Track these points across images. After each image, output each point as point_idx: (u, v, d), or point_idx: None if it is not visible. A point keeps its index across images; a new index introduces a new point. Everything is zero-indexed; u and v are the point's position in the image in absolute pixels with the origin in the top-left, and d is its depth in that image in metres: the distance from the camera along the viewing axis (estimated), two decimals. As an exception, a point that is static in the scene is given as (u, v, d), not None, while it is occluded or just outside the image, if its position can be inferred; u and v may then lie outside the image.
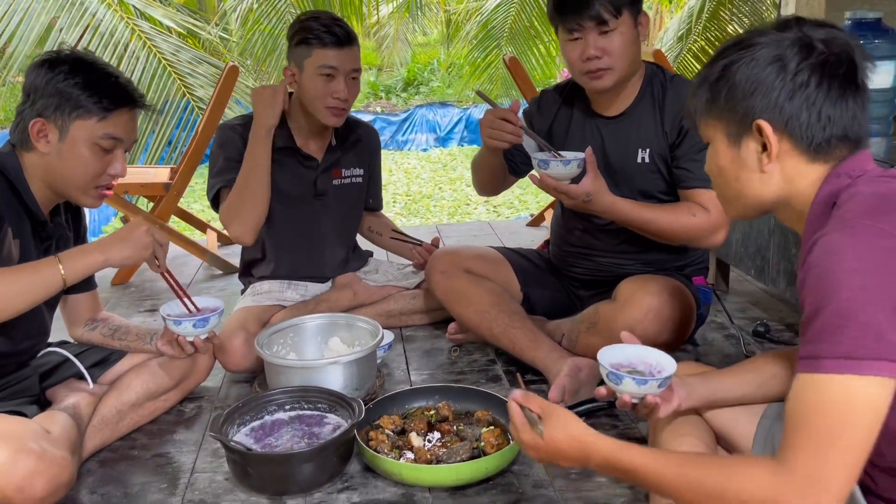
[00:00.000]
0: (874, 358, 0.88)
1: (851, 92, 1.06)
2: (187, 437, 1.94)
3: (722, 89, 1.10)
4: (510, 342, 2.15)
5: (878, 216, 0.95)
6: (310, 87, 2.22)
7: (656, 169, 2.04)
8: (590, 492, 1.65)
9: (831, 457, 0.91)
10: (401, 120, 9.87)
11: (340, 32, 2.19)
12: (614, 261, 2.16)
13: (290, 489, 1.67)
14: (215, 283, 3.24)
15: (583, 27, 1.91)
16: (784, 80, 1.05)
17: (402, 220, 6.28)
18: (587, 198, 1.88)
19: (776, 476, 0.93)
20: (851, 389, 0.90)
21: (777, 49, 1.06)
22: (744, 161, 1.11)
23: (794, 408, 0.95)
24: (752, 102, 1.07)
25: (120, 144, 1.71)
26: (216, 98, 3.26)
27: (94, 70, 1.67)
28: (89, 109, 1.64)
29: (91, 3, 4.60)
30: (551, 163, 1.88)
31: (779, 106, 1.05)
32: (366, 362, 2.01)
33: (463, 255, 2.32)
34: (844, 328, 0.90)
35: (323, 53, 2.18)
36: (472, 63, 6.94)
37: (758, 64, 1.06)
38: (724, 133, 1.12)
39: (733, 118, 1.10)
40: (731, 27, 6.82)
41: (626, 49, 1.94)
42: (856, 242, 0.92)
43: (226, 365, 2.17)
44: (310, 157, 2.37)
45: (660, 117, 2.02)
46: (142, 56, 4.63)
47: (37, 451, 1.49)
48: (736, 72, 1.08)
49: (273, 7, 5.33)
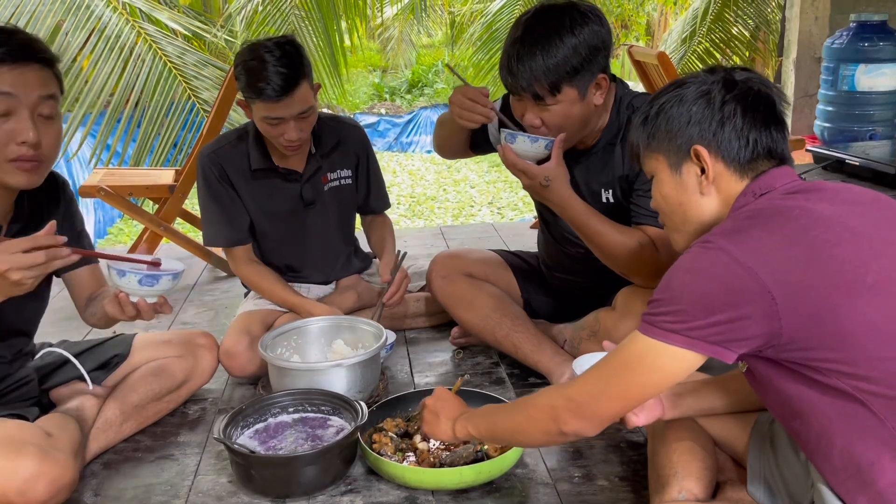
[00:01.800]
0: (672, 331, 1.08)
1: (774, 122, 1.21)
2: (191, 439, 1.95)
3: (661, 124, 1.24)
4: (513, 346, 2.15)
5: (731, 236, 1.09)
6: (261, 128, 2.16)
7: (620, 207, 1.96)
8: (592, 495, 1.65)
9: (607, 390, 1.18)
10: (405, 122, 9.89)
11: (281, 85, 2.02)
12: (596, 286, 2.12)
13: (293, 492, 1.67)
14: (219, 284, 3.24)
15: (520, 96, 1.81)
16: (713, 111, 1.19)
17: (406, 221, 6.28)
18: (545, 182, 1.79)
19: (560, 396, 1.23)
20: (648, 348, 1.12)
21: (703, 86, 1.22)
22: (685, 185, 1.24)
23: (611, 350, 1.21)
24: (690, 132, 1.21)
25: (17, 105, 1.50)
26: (221, 100, 3.27)
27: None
28: None
29: (97, 6, 4.61)
30: (518, 137, 1.80)
31: (711, 132, 1.20)
32: (369, 365, 2.01)
33: (464, 259, 2.32)
34: (663, 305, 1.10)
35: (266, 106, 2.07)
36: (476, 65, 6.94)
37: (687, 99, 1.22)
38: (665, 163, 1.25)
39: (672, 148, 1.23)
40: (735, 28, 6.81)
41: (567, 121, 1.81)
42: (700, 257, 1.09)
43: (231, 370, 2.17)
44: (290, 171, 2.32)
45: (622, 155, 1.92)
46: (147, 59, 4.64)
47: (38, 454, 1.49)
48: (670, 108, 1.23)
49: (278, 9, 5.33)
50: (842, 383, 1.05)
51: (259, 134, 2.25)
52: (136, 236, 3.90)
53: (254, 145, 2.27)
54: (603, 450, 1.82)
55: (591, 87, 1.81)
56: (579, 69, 1.75)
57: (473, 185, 7.29)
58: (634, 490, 1.66)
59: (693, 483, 1.35)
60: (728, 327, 1.05)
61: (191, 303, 3.01)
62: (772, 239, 1.07)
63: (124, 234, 6.07)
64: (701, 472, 1.36)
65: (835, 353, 1.04)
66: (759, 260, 1.05)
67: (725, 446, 1.46)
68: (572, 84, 1.76)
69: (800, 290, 1.03)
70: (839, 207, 1.12)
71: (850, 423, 1.06)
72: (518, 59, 1.76)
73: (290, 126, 2.11)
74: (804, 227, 1.08)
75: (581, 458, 1.78)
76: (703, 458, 1.39)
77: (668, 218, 1.30)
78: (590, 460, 1.78)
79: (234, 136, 2.32)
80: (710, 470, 1.38)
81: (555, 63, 1.73)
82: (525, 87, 1.77)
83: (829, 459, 1.09)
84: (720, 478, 1.43)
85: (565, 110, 1.80)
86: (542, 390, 1.32)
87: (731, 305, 1.05)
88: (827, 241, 1.06)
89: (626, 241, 1.85)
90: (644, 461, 1.73)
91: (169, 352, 2.01)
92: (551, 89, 1.76)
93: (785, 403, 1.13)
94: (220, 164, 2.27)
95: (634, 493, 1.65)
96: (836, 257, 1.05)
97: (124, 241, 5.50)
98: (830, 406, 1.07)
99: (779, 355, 1.08)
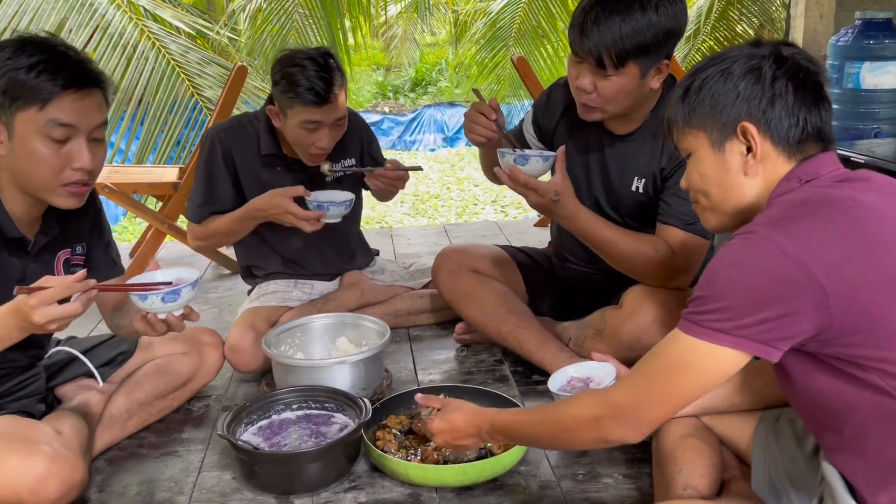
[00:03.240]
0: (719, 331, 1.03)
1: (822, 101, 1.14)
2: (195, 435, 1.95)
3: (704, 99, 1.17)
4: (518, 343, 2.15)
5: (777, 225, 1.04)
6: (292, 134, 2.18)
7: (648, 200, 1.97)
8: (597, 493, 1.65)
9: (651, 395, 1.12)
10: (409, 120, 9.89)
11: (324, 89, 2.07)
12: (611, 278, 2.10)
13: (297, 488, 1.67)
14: (223, 282, 3.25)
15: (583, 58, 1.79)
16: (763, 87, 1.13)
17: (409, 219, 6.28)
18: (555, 196, 1.80)
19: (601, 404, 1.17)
20: (692, 349, 1.06)
21: (751, 60, 1.15)
22: (728, 164, 1.16)
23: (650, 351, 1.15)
24: (737, 109, 1.14)
25: (76, 132, 1.50)
26: (224, 98, 3.27)
27: (37, 52, 1.47)
28: (27, 98, 1.45)
29: (100, 4, 4.62)
30: (531, 157, 1.81)
31: (761, 110, 1.13)
32: (373, 362, 2.01)
33: (470, 254, 2.31)
34: (707, 303, 1.05)
35: (306, 111, 2.09)
36: (479, 63, 6.94)
37: (735, 74, 1.14)
38: (706, 140, 1.18)
39: (716, 125, 1.16)
40: (739, 27, 6.80)
41: (620, 96, 1.81)
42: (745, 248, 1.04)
43: (236, 366, 2.18)
44: (296, 162, 2.33)
45: (661, 148, 1.92)
46: (151, 57, 4.65)
47: (49, 453, 1.49)
48: (715, 83, 1.16)
49: (281, 7, 5.34)
50: (882, 382, 1.01)
51: (270, 122, 2.27)
52: (139, 234, 3.90)
53: (264, 131, 2.29)
54: (606, 447, 1.81)
55: (653, 69, 1.80)
56: (650, 49, 1.74)
57: (477, 184, 7.28)
58: (638, 488, 1.65)
59: (698, 480, 1.35)
60: (777, 324, 1.01)
61: (195, 300, 2.97)
62: (823, 229, 1.02)
63: (128, 231, 6.08)
64: (706, 470, 1.36)
65: (880, 351, 1.00)
66: (810, 251, 0.99)
67: (730, 444, 1.45)
68: (638, 62, 1.75)
69: (852, 284, 0.99)
70: (888, 199, 1.07)
71: (888, 422, 1.03)
72: (595, 21, 1.73)
73: (325, 132, 2.15)
74: (855, 219, 1.03)
75: (585, 456, 1.78)
76: (709, 456, 1.38)
77: (703, 196, 1.22)
78: (594, 458, 1.77)
79: (243, 120, 2.35)
80: (715, 468, 1.38)
81: (630, 35, 1.71)
82: (592, 50, 1.74)
83: (863, 456, 1.06)
84: (725, 475, 1.42)
85: (621, 85, 1.78)
86: (576, 398, 1.28)
87: (780, 300, 1.00)
88: (880, 235, 1.02)
89: (640, 247, 1.86)
90: (648, 459, 1.73)
91: (174, 349, 2.01)
92: (617, 61, 1.74)
93: (816, 399, 1.09)
94: (227, 145, 2.28)
95: (638, 491, 1.64)
96: (890, 252, 1.01)
97: (128, 238, 5.51)
98: (868, 404, 1.03)
99: (822, 350, 1.03)
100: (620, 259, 1.89)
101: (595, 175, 2.05)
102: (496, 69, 6.79)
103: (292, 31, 5.32)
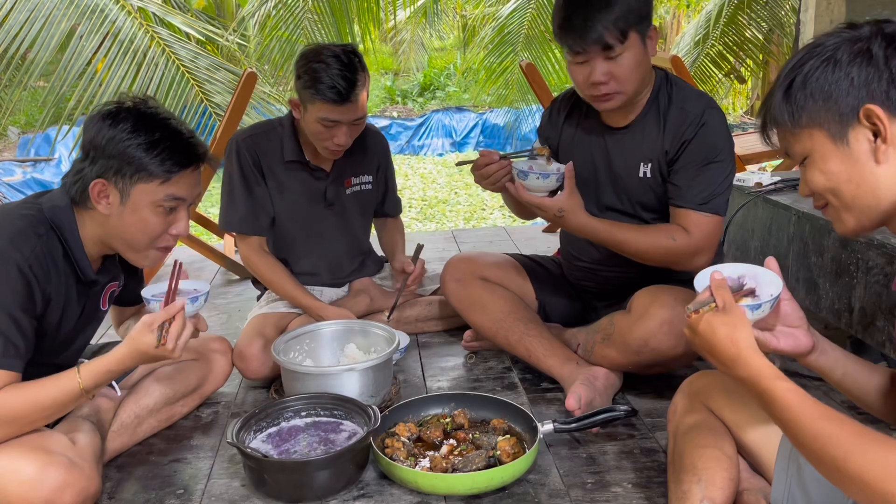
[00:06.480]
0: None
1: None
2: (204, 442, 1.95)
3: (814, 93, 1.09)
4: (526, 350, 2.14)
5: None
6: (311, 129, 2.20)
7: (657, 183, 2.00)
8: (606, 502, 1.64)
9: None
10: (417, 125, 9.91)
11: (345, 89, 2.09)
12: (621, 274, 2.13)
13: (306, 496, 1.67)
14: (232, 287, 3.25)
15: (587, 52, 1.83)
16: (878, 69, 1.05)
17: (417, 224, 6.28)
18: (559, 213, 1.87)
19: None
20: None
21: (857, 44, 1.06)
22: (855, 155, 1.08)
23: None
24: (854, 96, 1.06)
25: (183, 204, 1.64)
26: (234, 104, 3.28)
27: (156, 129, 1.58)
28: (151, 172, 1.57)
29: (111, 10, 4.64)
30: (530, 175, 1.87)
31: (883, 91, 1.05)
32: (382, 369, 2.01)
33: (478, 262, 2.32)
34: None
35: (326, 108, 2.12)
36: (487, 68, 6.94)
37: (842, 62, 1.07)
38: (825, 136, 1.10)
39: (832, 117, 1.08)
40: (749, 31, 6.78)
41: (635, 71, 1.86)
42: None
43: (244, 372, 2.18)
44: (318, 168, 2.37)
45: (662, 131, 1.96)
46: (160, 63, 4.67)
47: (65, 463, 1.50)
48: (822, 74, 1.08)
49: (291, 13, 5.35)
50: None
51: (293, 128, 2.30)
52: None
53: (288, 137, 2.31)
54: (616, 456, 1.81)
55: (648, 35, 1.88)
56: (643, 15, 1.85)
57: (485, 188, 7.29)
58: (648, 497, 1.65)
59: (717, 492, 1.33)
60: None
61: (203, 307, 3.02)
62: None
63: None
64: (725, 482, 1.34)
65: None
66: None
67: (749, 454, 1.42)
68: (636, 29, 1.83)
69: None
70: None
71: None
72: (582, 13, 1.81)
73: (343, 130, 2.17)
74: None
75: (594, 465, 1.78)
76: (728, 468, 1.36)
77: (833, 196, 1.13)
78: (603, 467, 1.77)
79: (266, 127, 2.38)
80: (733, 481, 1.35)
81: (625, 9, 1.80)
82: (597, 38, 1.80)
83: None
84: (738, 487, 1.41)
85: (631, 58, 1.84)
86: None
87: None
88: None
89: (656, 240, 1.91)
90: (658, 468, 1.73)
91: (183, 356, 2.01)
92: (622, 35, 1.80)
93: None
94: (254, 151, 2.31)
95: (648, 501, 1.64)
96: None
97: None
98: None
99: None
100: (638, 255, 1.95)
101: (601, 168, 2.07)
102: (504, 74, 6.79)
103: (302, 37, 5.34)
